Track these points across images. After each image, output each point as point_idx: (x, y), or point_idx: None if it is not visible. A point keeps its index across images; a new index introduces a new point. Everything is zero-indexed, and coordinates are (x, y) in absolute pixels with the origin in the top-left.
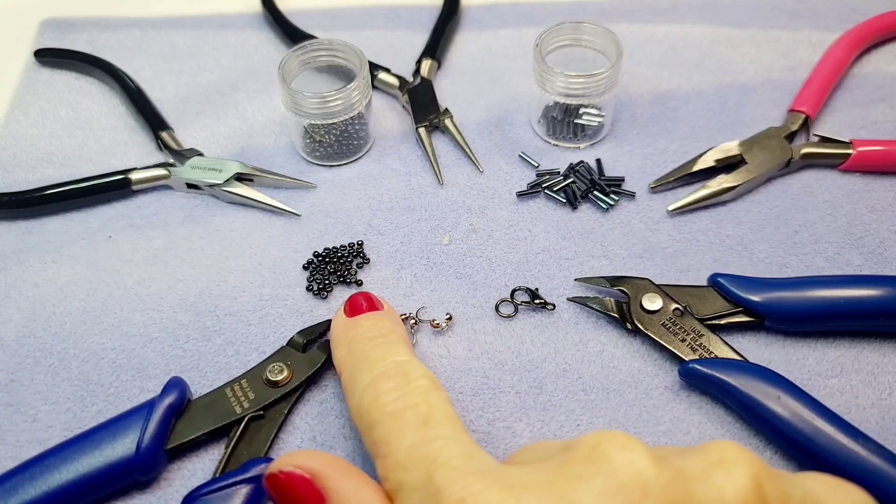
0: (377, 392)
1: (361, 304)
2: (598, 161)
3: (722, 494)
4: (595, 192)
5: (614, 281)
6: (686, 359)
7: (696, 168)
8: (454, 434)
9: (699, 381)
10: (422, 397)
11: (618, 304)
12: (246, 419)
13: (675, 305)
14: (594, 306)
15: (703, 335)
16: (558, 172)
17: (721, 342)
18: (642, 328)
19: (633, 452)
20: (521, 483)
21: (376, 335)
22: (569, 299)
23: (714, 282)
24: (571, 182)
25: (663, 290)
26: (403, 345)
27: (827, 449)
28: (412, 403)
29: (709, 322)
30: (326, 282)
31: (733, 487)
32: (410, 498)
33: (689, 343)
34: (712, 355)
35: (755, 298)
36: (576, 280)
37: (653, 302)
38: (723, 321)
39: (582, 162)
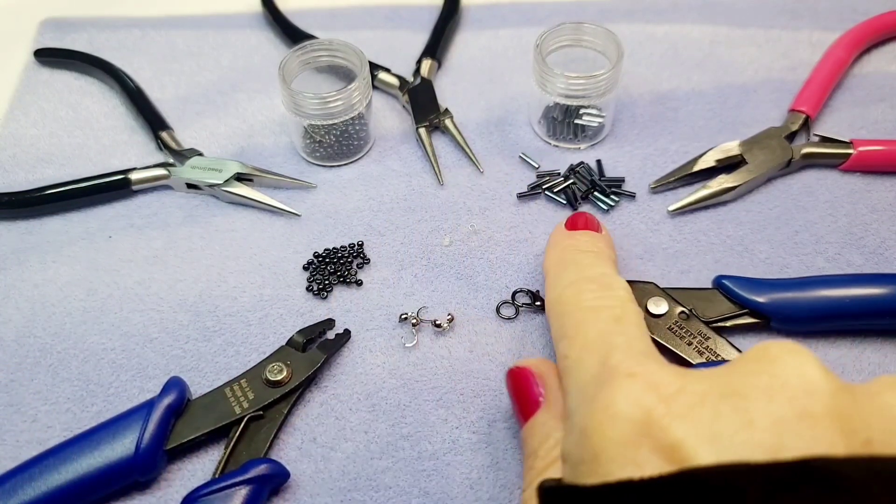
0: (579, 290)
1: (583, 223)
2: (599, 162)
3: (893, 412)
4: (595, 194)
5: None
6: (693, 362)
7: (696, 168)
8: (640, 334)
9: None
10: (618, 302)
11: None
12: (245, 419)
13: (680, 309)
14: None
15: (709, 338)
16: (558, 173)
17: (727, 344)
18: (649, 332)
19: (802, 356)
20: (690, 372)
21: (590, 250)
22: None
23: (719, 284)
24: (572, 183)
25: (668, 294)
26: (612, 265)
27: None
28: (608, 305)
29: (714, 325)
30: (326, 282)
31: None
32: (585, 373)
33: (696, 346)
34: (719, 358)
35: (761, 300)
36: None
37: (658, 306)
38: (728, 323)
39: (582, 163)
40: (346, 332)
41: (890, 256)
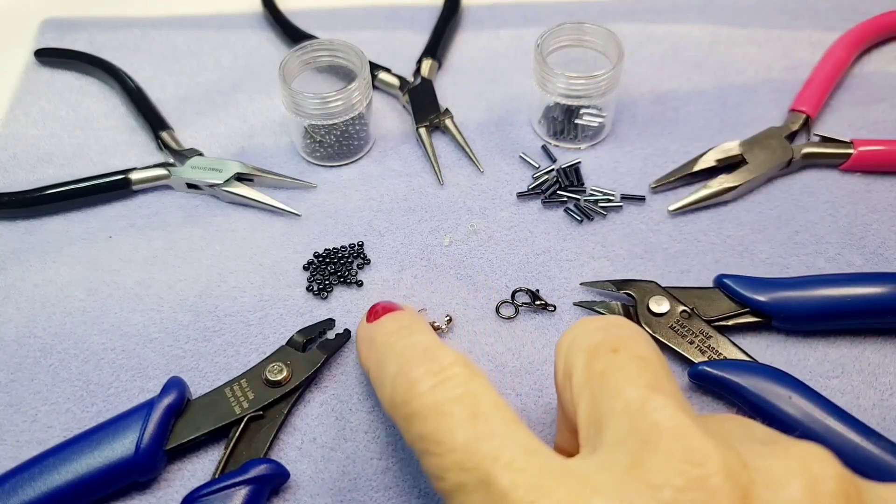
0: (409, 380)
1: (380, 309)
2: (577, 168)
3: None
4: (570, 206)
5: (620, 284)
6: (695, 361)
7: (696, 168)
8: (508, 429)
9: (710, 382)
10: (462, 388)
11: (624, 307)
12: (245, 419)
13: (682, 307)
14: (600, 310)
15: (711, 337)
16: (554, 174)
17: (729, 343)
18: (650, 331)
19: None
20: (589, 484)
21: (399, 328)
22: (575, 304)
23: (720, 283)
24: (564, 186)
25: (670, 293)
26: (428, 332)
27: (840, 449)
28: (453, 396)
29: (716, 323)
30: (326, 282)
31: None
32: (470, 499)
33: (698, 345)
34: (721, 357)
35: (762, 299)
36: (581, 284)
37: (660, 305)
38: (730, 322)
39: (575, 165)
40: (346, 332)
41: (890, 256)
